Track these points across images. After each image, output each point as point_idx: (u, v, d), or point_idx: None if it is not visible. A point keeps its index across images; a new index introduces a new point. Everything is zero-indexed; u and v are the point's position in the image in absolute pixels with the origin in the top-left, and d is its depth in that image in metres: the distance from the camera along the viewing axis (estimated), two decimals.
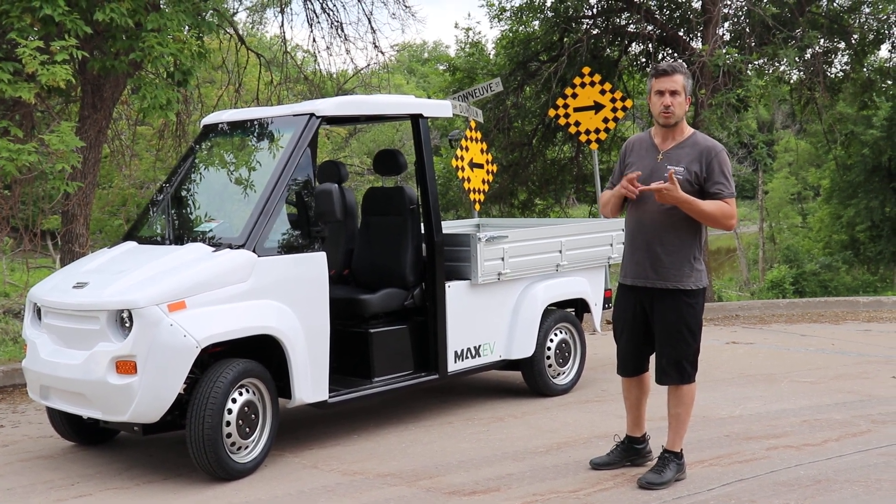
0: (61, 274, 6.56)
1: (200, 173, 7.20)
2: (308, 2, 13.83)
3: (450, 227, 9.21)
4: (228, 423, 5.70)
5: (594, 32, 15.45)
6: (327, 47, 15.41)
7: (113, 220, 16.54)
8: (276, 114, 6.87)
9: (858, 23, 15.06)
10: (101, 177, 14.46)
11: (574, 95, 12.17)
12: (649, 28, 14.98)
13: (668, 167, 5.28)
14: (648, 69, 16.23)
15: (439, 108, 7.43)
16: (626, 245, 5.65)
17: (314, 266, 6.20)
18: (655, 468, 5.54)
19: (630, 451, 5.86)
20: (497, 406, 7.53)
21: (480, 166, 11.70)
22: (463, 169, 11.35)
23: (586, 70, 12.26)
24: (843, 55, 15.74)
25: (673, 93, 5.33)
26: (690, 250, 5.43)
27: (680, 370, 5.47)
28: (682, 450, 5.62)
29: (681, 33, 15.13)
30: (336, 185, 6.20)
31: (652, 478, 5.45)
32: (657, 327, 5.50)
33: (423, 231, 7.12)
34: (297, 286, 6.08)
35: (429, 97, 16.15)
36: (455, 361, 7.14)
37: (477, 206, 11.71)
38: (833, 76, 15.76)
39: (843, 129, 17.06)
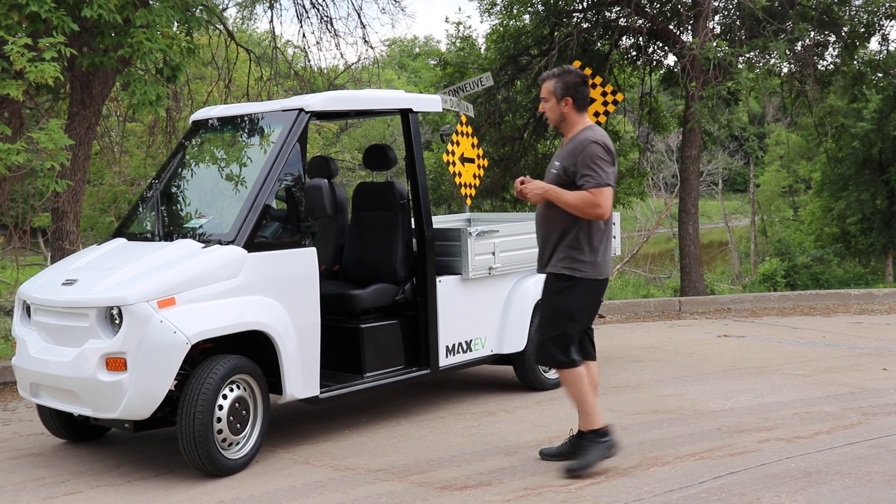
0: (51, 271, 6.54)
1: (190, 169, 7.18)
2: None
3: (440, 221, 9.21)
4: (219, 420, 5.69)
5: (584, 26, 15.43)
6: (317, 42, 15.35)
7: (103, 217, 16.49)
8: (265, 109, 6.85)
9: (849, 15, 15.07)
10: (92, 173, 14.43)
11: None
12: (640, 22, 14.97)
13: (554, 163, 5.65)
14: (639, 62, 16.25)
15: (429, 102, 7.42)
16: None
17: (304, 262, 6.19)
18: (578, 453, 5.67)
19: (578, 444, 5.79)
20: (488, 401, 7.53)
21: (471, 161, 11.68)
22: (454, 163, 11.34)
23: (577, 64, 12.24)
24: (833, 48, 15.75)
25: (543, 98, 5.69)
26: (564, 239, 5.59)
27: (549, 353, 5.63)
28: (605, 426, 5.67)
29: (671, 26, 15.13)
30: (326, 181, 6.19)
31: (573, 464, 5.60)
32: (540, 310, 5.75)
33: (413, 226, 7.11)
34: (287, 282, 6.07)
35: (420, 92, 16.11)
36: (446, 356, 7.14)
37: (468, 201, 11.70)
38: (823, 69, 15.78)
39: (833, 122, 17.07)
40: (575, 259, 5.57)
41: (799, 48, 14.74)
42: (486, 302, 7.46)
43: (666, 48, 15.98)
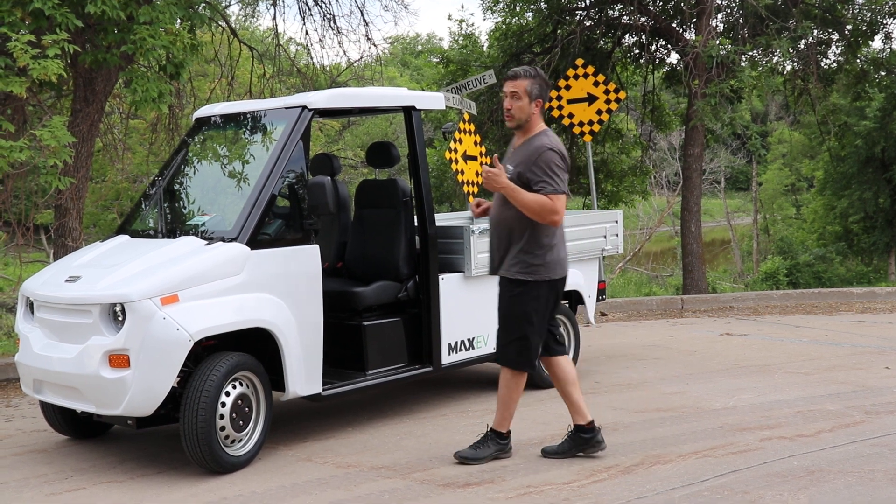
0: (54, 268, 6.55)
1: (193, 167, 7.18)
2: None
3: (443, 219, 9.21)
4: (222, 417, 5.70)
5: (587, 24, 15.43)
6: (320, 40, 15.41)
7: (106, 214, 16.50)
8: (268, 107, 6.85)
9: (852, 13, 15.05)
10: (94, 171, 14.45)
11: (567, 87, 12.14)
12: (643, 19, 14.96)
13: (507, 166, 5.64)
14: (642, 60, 16.24)
15: (432, 100, 7.42)
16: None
17: (307, 259, 6.19)
18: (475, 444, 5.85)
19: (578, 440, 5.87)
20: (491, 398, 7.52)
21: (474, 158, 11.67)
22: (456, 161, 11.33)
23: (580, 62, 12.23)
24: (836, 46, 15.74)
25: (513, 95, 5.62)
26: (518, 244, 5.64)
27: (504, 354, 5.74)
28: (508, 431, 5.87)
29: (674, 24, 15.12)
30: (329, 178, 6.20)
31: (467, 452, 5.78)
32: (499, 313, 5.79)
33: (416, 224, 7.11)
34: (290, 279, 6.07)
35: (422, 90, 16.10)
36: (449, 354, 7.14)
37: (471, 199, 11.69)
38: (826, 67, 15.76)
39: (836, 121, 17.05)
40: (528, 263, 5.62)
41: (802, 46, 14.73)
42: (488, 300, 7.42)
43: (669, 46, 15.96)
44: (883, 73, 16.14)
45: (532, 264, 5.62)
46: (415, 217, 7.14)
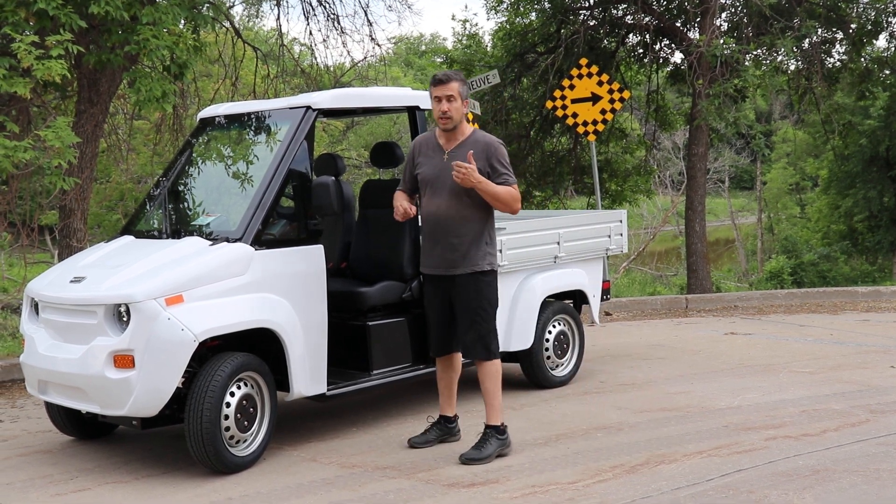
0: (59, 269, 6.55)
1: (197, 167, 7.19)
2: None
3: None
4: (227, 417, 5.70)
5: (591, 23, 15.41)
6: (324, 40, 15.40)
7: (111, 215, 16.50)
8: (272, 107, 6.85)
9: (856, 12, 15.02)
10: (99, 171, 14.44)
11: (571, 87, 12.15)
12: (647, 19, 14.94)
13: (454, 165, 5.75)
14: (646, 60, 16.23)
15: None
16: (423, 237, 6.12)
17: (311, 259, 6.19)
18: (477, 444, 5.96)
19: (444, 430, 6.29)
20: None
21: None
22: None
23: (583, 61, 12.25)
24: (840, 45, 15.70)
25: (449, 98, 5.88)
26: (482, 236, 5.94)
27: (485, 346, 5.97)
28: (503, 424, 6.05)
29: (678, 24, 15.10)
30: (333, 178, 6.19)
31: (472, 454, 5.88)
32: (459, 309, 5.99)
33: (420, 223, 7.09)
34: (294, 279, 6.07)
35: (426, 90, 16.13)
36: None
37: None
38: (831, 66, 15.73)
39: (840, 120, 17.00)
40: (492, 254, 6.00)
41: (806, 45, 14.70)
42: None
43: (673, 45, 15.94)
44: (887, 72, 16.11)
45: (493, 255, 6.01)
46: (419, 217, 7.12)
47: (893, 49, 15.65)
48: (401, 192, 6.18)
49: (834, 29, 15.13)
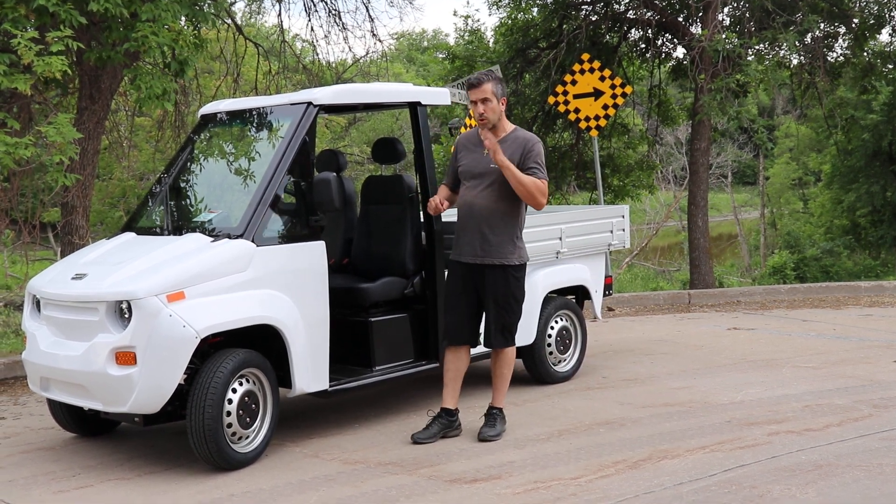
0: (61, 265, 6.55)
1: (199, 163, 7.18)
2: None
3: (449, 215, 9.18)
4: (229, 413, 5.70)
5: (593, 19, 15.38)
6: (325, 36, 15.41)
7: (113, 212, 16.53)
8: (273, 103, 6.85)
9: (859, 6, 14.98)
10: (101, 168, 14.47)
11: (573, 82, 12.14)
12: (648, 14, 14.92)
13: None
14: (648, 55, 16.20)
15: (438, 95, 7.40)
16: (457, 226, 6.35)
17: (313, 255, 6.19)
18: (489, 423, 6.32)
19: (445, 423, 6.36)
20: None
21: None
22: None
23: (585, 57, 12.23)
24: (843, 39, 15.66)
25: (484, 101, 6.09)
26: (514, 230, 6.21)
27: (506, 335, 6.29)
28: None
29: (680, 19, 15.07)
30: (335, 174, 6.19)
31: (489, 431, 6.23)
32: (488, 299, 6.22)
33: (422, 219, 7.10)
34: (296, 275, 6.06)
35: (428, 85, 16.09)
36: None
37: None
38: (833, 60, 15.69)
39: (843, 114, 16.95)
40: (522, 248, 6.26)
41: (809, 40, 14.66)
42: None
43: (675, 40, 15.91)
44: (890, 67, 16.06)
45: (520, 248, 6.24)
46: (421, 213, 7.12)
47: None
48: (443, 186, 6.51)
49: (836, 23, 15.09)
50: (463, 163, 6.29)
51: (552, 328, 7.83)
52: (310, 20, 14.01)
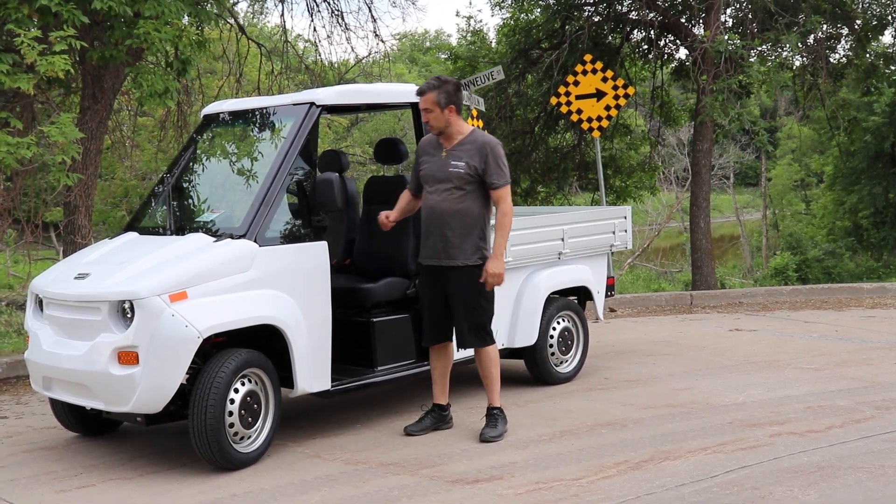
0: (63, 265, 6.55)
1: (201, 163, 7.18)
2: None
3: None
4: (231, 413, 5.70)
5: (595, 20, 15.39)
6: (328, 36, 15.47)
7: (115, 212, 16.53)
8: (276, 103, 6.85)
9: (861, 8, 14.98)
10: (103, 168, 14.47)
11: (576, 83, 12.13)
12: (651, 15, 14.92)
13: (452, 163, 6.15)
14: (651, 56, 16.19)
15: None
16: (422, 230, 6.38)
17: (315, 256, 6.19)
18: (490, 424, 6.33)
19: (438, 417, 6.53)
20: (500, 394, 7.51)
21: None
22: None
23: (588, 57, 12.22)
24: (845, 41, 15.66)
25: (425, 111, 6.19)
26: (475, 231, 6.21)
27: (481, 334, 6.32)
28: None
29: (682, 20, 15.07)
30: (337, 175, 6.20)
31: (490, 432, 6.25)
32: (456, 301, 6.27)
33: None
34: (298, 276, 6.07)
35: None
36: (457, 350, 7.12)
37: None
38: (836, 62, 15.69)
39: (846, 116, 16.94)
40: (484, 248, 6.26)
41: (811, 41, 14.67)
42: (497, 294, 7.43)
43: (677, 41, 15.91)
44: (892, 68, 16.04)
45: (486, 248, 6.27)
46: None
47: None
48: (406, 192, 6.57)
49: (839, 24, 15.09)
50: (424, 167, 6.33)
51: (554, 329, 7.83)
52: (312, 20, 13.98)
